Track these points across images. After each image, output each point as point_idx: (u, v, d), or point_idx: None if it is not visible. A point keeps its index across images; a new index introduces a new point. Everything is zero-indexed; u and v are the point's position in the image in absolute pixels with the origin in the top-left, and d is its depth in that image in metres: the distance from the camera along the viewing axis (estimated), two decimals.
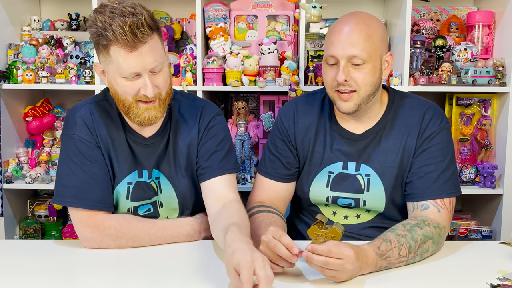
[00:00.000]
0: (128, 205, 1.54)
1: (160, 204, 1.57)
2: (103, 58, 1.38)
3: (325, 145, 1.57)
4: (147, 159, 1.53)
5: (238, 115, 2.61)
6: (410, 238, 1.34)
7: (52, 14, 2.87)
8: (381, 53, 1.47)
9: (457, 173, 1.59)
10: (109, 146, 1.49)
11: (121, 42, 1.32)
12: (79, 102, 1.55)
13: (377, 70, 1.46)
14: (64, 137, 1.51)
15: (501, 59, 2.47)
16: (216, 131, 1.57)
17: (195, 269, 1.31)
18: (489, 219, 2.59)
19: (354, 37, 1.42)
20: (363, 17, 1.47)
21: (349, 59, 1.43)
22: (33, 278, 1.27)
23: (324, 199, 1.58)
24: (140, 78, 1.37)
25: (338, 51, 1.43)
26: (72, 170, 1.46)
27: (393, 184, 1.53)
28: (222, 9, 2.56)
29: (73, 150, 1.47)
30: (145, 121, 1.43)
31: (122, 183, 1.51)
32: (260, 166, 1.65)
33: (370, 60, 1.43)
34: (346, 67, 1.43)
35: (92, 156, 1.47)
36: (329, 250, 1.17)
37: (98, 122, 1.49)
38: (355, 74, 1.44)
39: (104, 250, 1.45)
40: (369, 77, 1.45)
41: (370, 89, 1.46)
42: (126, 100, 1.41)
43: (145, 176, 1.53)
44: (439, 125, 1.52)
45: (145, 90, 1.37)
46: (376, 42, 1.44)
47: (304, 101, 1.64)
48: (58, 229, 2.75)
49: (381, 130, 1.54)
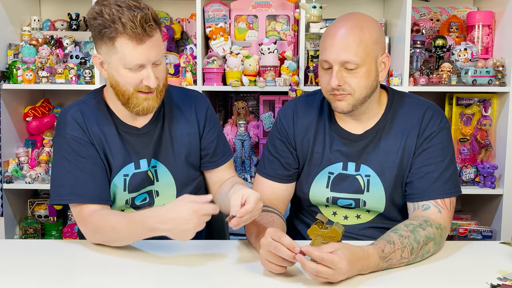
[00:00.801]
0: (126, 197, 1.57)
1: (156, 193, 1.60)
2: (106, 49, 1.42)
3: (324, 145, 1.57)
4: (144, 148, 1.56)
5: (238, 115, 2.61)
6: (413, 239, 1.34)
7: (52, 14, 2.87)
8: (376, 55, 1.46)
9: (457, 173, 1.59)
10: (102, 142, 1.52)
11: (130, 35, 1.37)
12: (68, 104, 1.58)
13: (372, 72, 1.46)
14: (57, 138, 1.54)
15: (501, 59, 2.47)
16: (214, 120, 1.67)
17: (195, 269, 1.31)
18: (489, 219, 2.59)
19: (347, 42, 1.41)
20: (357, 20, 1.46)
21: (342, 64, 1.43)
22: (33, 278, 1.27)
23: (324, 199, 1.58)
24: (143, 69, 1.43)
25: (331, 56, 1.43)
26: (67, 169, 1.48)
27: (393, 184, 1.53)
28: (222, 9, 2.56)
29: (67, 149, 1.49)
30: (143, 111, 1.48)
31: (118, 175, 1.54)
32: (259, 167, 1.65)
33: (364, 64, 1.43)
34: (339, 72, 1.43)
35: (85, 152, 1.49)
36: (322, 258, 1.17)
37: (89, 120, 1.52)
38: (349, 78, 1.44)
39: (103, 250, 1.45)
40: (364, 80, 1.44)
41: (365, 91, 1.46)
42: (127, 90, 1.45)
43: (143, 165, 1.56)
44: (438, 125, 1.52)
45: (148, 81, 1.43)
46: (370, 45, 1.43)
47: (304, 101, 1.64)
48: (58, 229, 2.76)
49: (380, 130, 1.54)
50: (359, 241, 1.39)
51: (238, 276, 1.28)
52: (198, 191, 1.66)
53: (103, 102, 1.56)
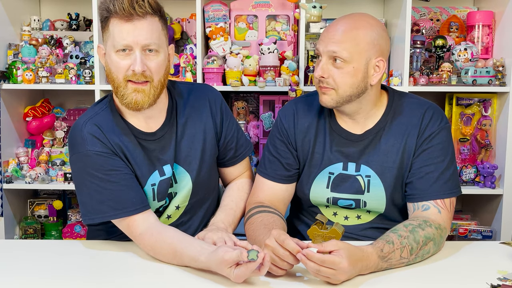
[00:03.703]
0: (156, 206, 1.53)
1: (174, 194, 1.57)
2: (105, 36, 1.42)
3: (324, 145, 1.56)
4: (165, 153, 1.52)
5: (238, 115, 2.61)
6: (412, 239, 1.33)
7: (52, 14, 2.87)
8: (369, 57, 1.45)
9: (457, 173, 1.59)
10: (125, 152, 1.46)
11: (119, 14, 1.36)
12: (79, 120, 1.50)
13: (360, 72, 1.45)
14: (76, 157, 1.46)
15: (501, 59, 2.47)
16: (229, 115, 1.65)
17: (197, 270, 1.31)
18: (489, 219, 2.59)
19: (338, 35, 1.43)
20: (357, 19, 1.46)
21: (330, 57, 1.44)
22: (33, 278, 1.27)
23: (324, 200, 1.58)
24: (132, 54, 1.38)
25: (320, 46, 1.46)
26: (101, 186, 1.42)
27: (393, 184, 1.53)
28: (222, 9, 2.56)
29: (93, 166, 1.42)
30: (132, 104, 1.42)
31: (147, 186, 1.50)
32: (259, 168, 1.65)
33: (352, 61, 1.43)
34: (326, 64, 1.45)
35: (113, 164, 1.43)
36: (322, 260, 1.18)
37: (107, 132, 1.46)
38: (334, 72, 1.45)
39: (103, 250, 1.45)
40: (348, 78, 1.44)
41: (349, 90, 1.45)
42: (117, 78, 1.41)
43: (168, 171, 1.52)
44: (439, 125, 1.51)
45: (134, 65, 1.37)
46: (362, 45, 1.43)
47: (304, 101, 1.63)
48: (58, 229, 2.76)
49: (380, 130, 1.54)
50: (359, 242, 1.39)
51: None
52: (213, 191, 1.66)
53: (116, 110, 1.49)
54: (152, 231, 1.39)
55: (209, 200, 1.65)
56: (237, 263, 1.19)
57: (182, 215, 1.59)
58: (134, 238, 1.43)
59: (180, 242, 1.34)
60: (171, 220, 1.58)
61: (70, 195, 2.85)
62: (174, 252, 1.33)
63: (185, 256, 1.31)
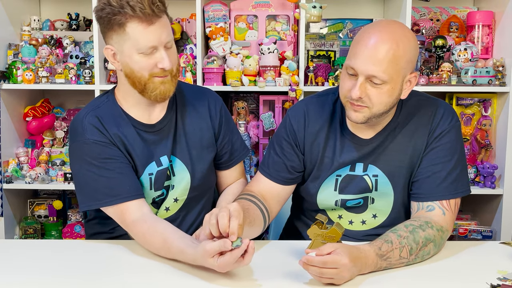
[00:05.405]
0: (152, 195, 1.57)
1: (172, 187, 1.60)
2: (118, 38, 1.42)
3: (335, 150, 1.53)
4: (163, 145, 1.56)
5: (238, 115, 2.61)
6: (412, 240, 1.33)
7: (52, 14, 2.87)
8: (405, 74, 1.39)
9: (467, 171, 1.54)
10: (124, 143, 1.51)
11: (140, 17, 1.38)
12: (81, 111, 1.55)
13: (396, 91, 1.40)
14: (75, 145, 1.51)
15: (501, 59, 2.47)
16: (228, 119, 1.69)
17: (195, 269, 1.31)
18: (489, 219, 2.58)
19: (379, 56, 1.34)
20: (396, 32, 1.37)
21: (368, 77, 1.36)
22: (33, 278, 1.27)
23: (332, 203, 1.55)
24: (156, 53, 1.43)
25: (359, 66, 1.36)
26: (97, 173, 1.46)
27: (402, 183, 1.51)
28: (222, 9, 2.56)
29: (90, 154, 1.47)
30: (161, 95, 1.47)
31: (144, 175, 1.54)
32: (262, 165, 1.62)
33: (391, 82, 1.36)
34: (363, 83, 1.37)
35: (110, 153, 1.48)
36: (324, 261, 1.17)
37: (107, 123, 1.51)
38: (371, 91, 1.37)
39: (103, 250, 1.45)
40: (386, 97, 1.39)
41: (384, 108, 1.41)
42: (143, 77, 1.45)
43: (165, 162, 1.56)
44: (449, 124, 1.49)
45: (162, 64, 1.43)
46: (402, 64, 1.36)
47: (315, 103, 1.58)
48: (58, 229, 2.76)
49: (392, 131, 1.50)
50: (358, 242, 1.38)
51: (239, 275, 1.27)
52: (209, 189, 1.69)
53: (116, 103, 1.55)
54: (146, 218, 1.43)
55: (206, 196, 1.68)
56: (221, 252, 1.20)
57: (182, 208, 1.62)
58: (126, 226, 1.46)
59: (172, 234, 1.37)
60: (169, 212, 1.61)
61: (70, 195, 2.85)
62: (163, 242, 1.36)
63: (174, 247, 1.33)
